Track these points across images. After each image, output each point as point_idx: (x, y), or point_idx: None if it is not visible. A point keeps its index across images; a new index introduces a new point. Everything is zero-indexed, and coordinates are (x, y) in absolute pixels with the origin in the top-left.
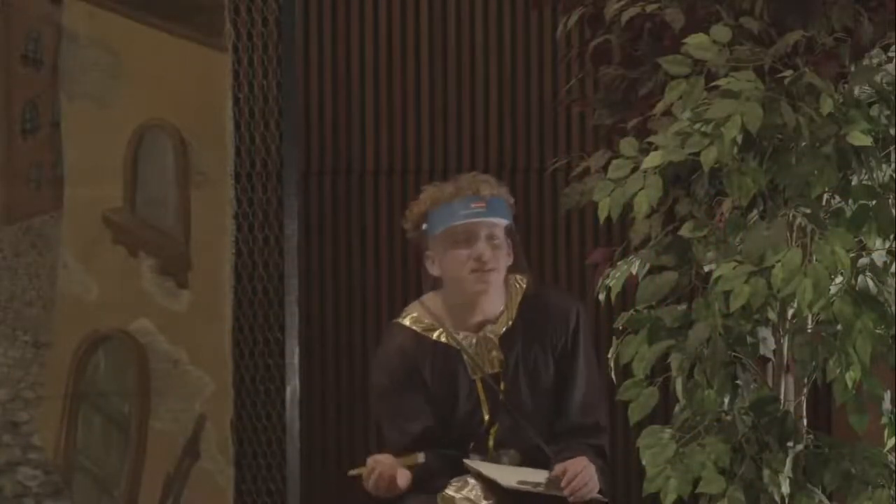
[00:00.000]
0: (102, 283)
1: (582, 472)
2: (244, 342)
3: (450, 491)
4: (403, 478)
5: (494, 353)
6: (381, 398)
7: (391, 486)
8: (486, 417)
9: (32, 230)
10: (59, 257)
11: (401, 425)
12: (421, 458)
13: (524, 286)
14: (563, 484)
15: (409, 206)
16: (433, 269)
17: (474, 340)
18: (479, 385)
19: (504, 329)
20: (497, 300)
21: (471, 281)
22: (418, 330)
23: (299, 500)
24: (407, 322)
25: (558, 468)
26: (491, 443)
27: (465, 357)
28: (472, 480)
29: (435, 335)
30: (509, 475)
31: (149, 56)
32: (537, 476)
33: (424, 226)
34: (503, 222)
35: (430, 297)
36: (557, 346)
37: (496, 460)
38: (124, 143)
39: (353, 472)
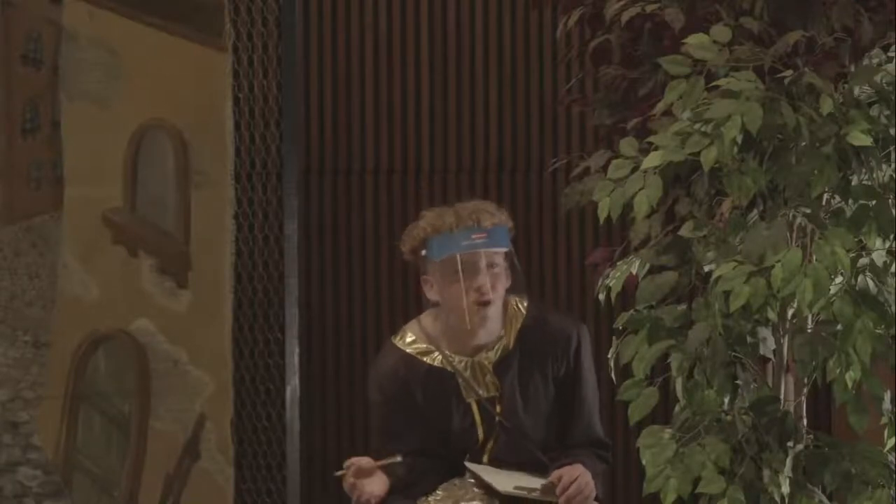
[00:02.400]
0: (102, 283)
1: (577, 480)
2: (244, 342)
3: (435, 497)
4: (380, 484)
5: (489, 377)
6: (374, 414)
7: (365, 495)
8: (481, 439)
9: (32, 230)
10: (59, 257)
11: (388, 446)
12: (398, 458)
13: (524, 310)
14: (558, 492)
15: (406, 230)
16: (431, 294)
17: (469, 364)
18: (475, 407)
19: (500, 354)
20: (494, 325)
21: (470, 313)
22: (412, 353)
23: (299, 500)
24: (402, 344)
25: (554, 475)
26: (486, 459)
27: (459, 380)
28: (457, 480)
29: (429, 359)
30: (506, 480)
31: (149, 56)
32: (534, 482)
33: (424, 252)
34: (503, 250)
35: (426, 317)
36: (559, 371)
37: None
38: (124, 143)
39: (338, 473)
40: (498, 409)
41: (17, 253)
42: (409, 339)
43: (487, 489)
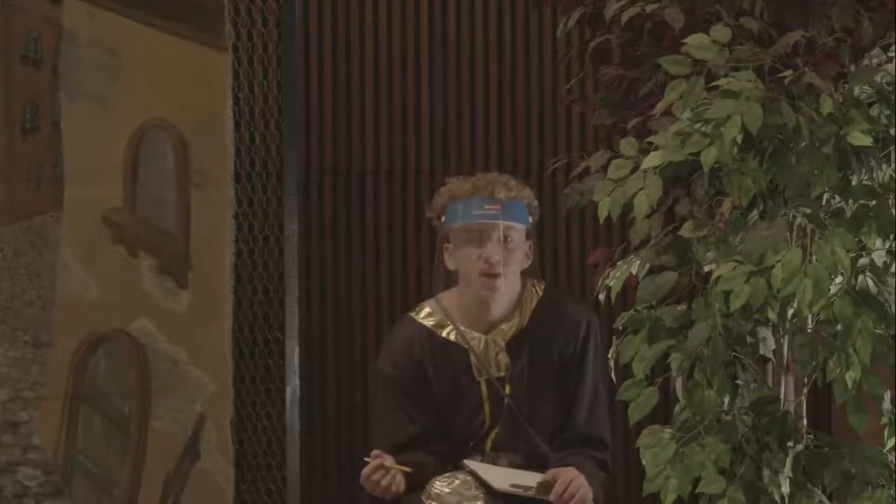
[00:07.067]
0: (102, 283)
1: (572, 482)
2: (244, 342)
3: (437, 487)
4: (402, 480)
5: (501, 356)
6: (383, 389)
7: (389, 486)
8: (487, 421)
9: (32, 230)
10: (59, 257)
11: (393, 425)
12: (408, 469)
13: (540, 292)
14: (552, 495)
15: (434, 195)
16: (450, 263)
17: (483, 342)
18: (484, 387)
19: (513, 333)
20: (508, 302)
21: (478, 284)
22: (428, 325)
23: (299, 500)
24: (419, 317)
25: (549, 474)
26: (489, 446)
27: (472, 357)
28: (460, 476)
29: (444, 332)
30: (502, 477)
31: (149, 56)
32: (530, 480)
33: (443, 218)
34: (520, 226)
35: (445, 295)
36: (565, 354)
37: (494, 462)
38: (124, 143)
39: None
40: (507, 389)
41: (17, 253)
42: (425, 313)
43: (486, 487)
